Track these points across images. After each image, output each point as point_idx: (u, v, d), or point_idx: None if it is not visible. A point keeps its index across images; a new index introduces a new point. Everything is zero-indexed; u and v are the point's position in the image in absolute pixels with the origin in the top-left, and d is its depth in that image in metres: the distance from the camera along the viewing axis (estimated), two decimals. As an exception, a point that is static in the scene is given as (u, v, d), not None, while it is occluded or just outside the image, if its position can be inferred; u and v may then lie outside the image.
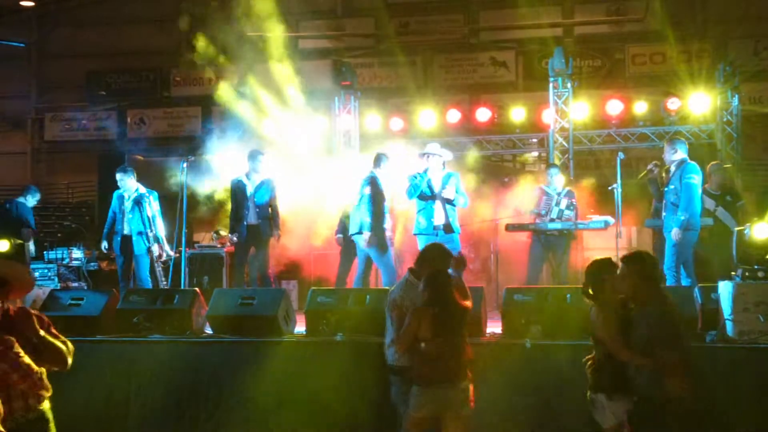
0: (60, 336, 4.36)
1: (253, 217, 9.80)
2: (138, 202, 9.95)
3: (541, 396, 6.55)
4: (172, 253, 10.23)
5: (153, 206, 10.04)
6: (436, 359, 5.21)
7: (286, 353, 7.28)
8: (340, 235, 10.49)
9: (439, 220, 9.09)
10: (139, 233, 9.89)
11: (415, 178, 9.18)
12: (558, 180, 10.57)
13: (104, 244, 10.19)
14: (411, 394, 5.32)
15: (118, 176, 10.10)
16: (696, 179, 8.61)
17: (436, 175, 9.22)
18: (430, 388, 5.24)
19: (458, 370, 5.24)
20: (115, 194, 10.13)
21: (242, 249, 9.86)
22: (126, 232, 9.96)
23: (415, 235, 9.27)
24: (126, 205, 9.98)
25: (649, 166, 9.42)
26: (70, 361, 4.34)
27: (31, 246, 11.30)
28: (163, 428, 7.19)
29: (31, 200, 11.85)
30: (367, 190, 9.21)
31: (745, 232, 7.36)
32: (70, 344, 4.38)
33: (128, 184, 10.05)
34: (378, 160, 9.58)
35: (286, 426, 7.00)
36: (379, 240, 9.20)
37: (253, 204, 9.82)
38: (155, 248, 9.94)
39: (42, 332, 4.24)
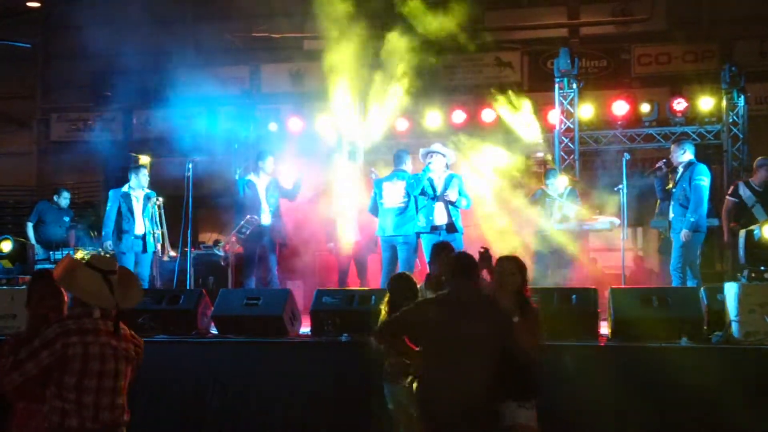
0: None
1: (266, 218, 9.82)
2: (148, 200, 9.99)
3: (546, 396, 6.53)
4: (173, 253, 10.27)
5: (157, 205, 10.10)
6: (384, 358, 5.56)
7: (291, 353, 7.29)
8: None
9: (440, 219, 9.05)
10: (151, 232, 9.91)
11: (416, 175, 9.17)
12: (559, 182, 10.57)
13: (109, 244, 9.89)
14: None
15: (142, 173, 10.07)
16: (705, 181, 8.61)
17: (438, 175, 9.18)
18: (384, 383, 5.63)
19: (399, 368, 5.38)
20: (118, 193, 9.99)
21: (252, 248, 9.86)
22: (139, 231, 9.85)
23: (416, 233, 9.23)
24: (137, 204, 9.94)
25: (659, 164, 9.38)
26: None
27: (38, 246, 11.31)
28: (169, 428, 7.19)
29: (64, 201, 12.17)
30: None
31: (755, 232, 7.33)
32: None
33: (145, 182, 10.08)
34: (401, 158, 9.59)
35: (290, 426, 7.00)
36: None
37: (265, 204, 9.84)
38: (159, 247, 9.99)
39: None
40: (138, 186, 9.99)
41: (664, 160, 9.36)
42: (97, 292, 3.92)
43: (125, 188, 10.02)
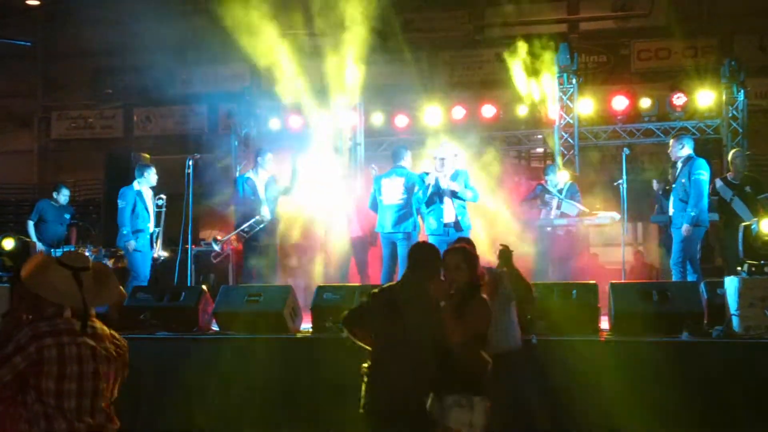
0: None
1: (265, 215, 9.85)
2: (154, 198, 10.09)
3: (548, 391, 6.56)
4: (164, 253, 10.39)
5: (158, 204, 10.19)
6: None
7: (293, 350, 7.31)
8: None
9: (448, 218, 9.08)
10: (155, 230, 10.02)
11: (425, 181, 9.18)
12: (559, 176, 10.58)
13: (133, 243, 9.71)
14: None
15: (153, 171, 10.09)
16: (705, 175, 8.62)
17: (445, 173, 9.20)
18: None
19: None
20: (132, 190, 9.89)
21: (252, 246, 9.88)
22: (152, 229, 9.93)
23: (427, 235, 9.27)
24: (149, 202, 9.98)
25: (655, 187, 9.44)
26: None
27: (39, 244, 11.34)
28: (171, 424, 7.22)
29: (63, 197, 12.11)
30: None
31: (753, 227, 7.36)
32: None
33: (154, 180, 10.11)
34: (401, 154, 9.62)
35: (293, 422, 7.03)
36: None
37: (264, 200, 9.87)
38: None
39: None
40: (147, 184, 10.02)
41: (656, 180, 9.35)
42: (65, 291, 3.65)
43: (137, 186, 9.97)
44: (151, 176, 10.04)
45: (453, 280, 4.74)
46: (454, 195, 9.02)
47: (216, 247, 10.29)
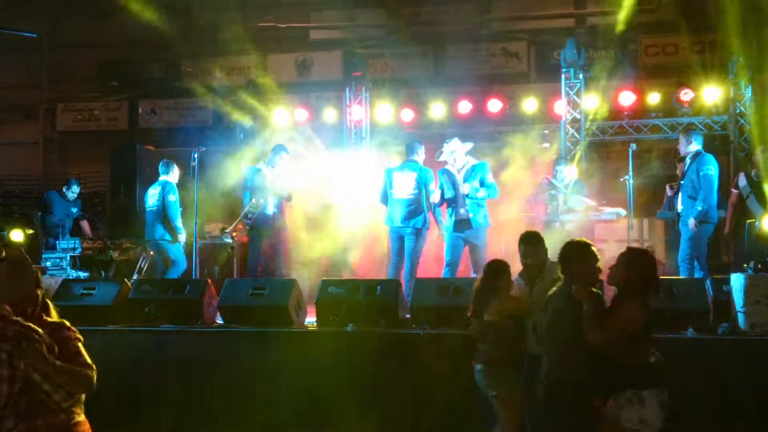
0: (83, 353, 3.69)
1: (270, 207, 9.86)
2: None
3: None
4: None
5: None
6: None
7: (297, 343, 7.30)
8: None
9: (459, 215, 9.06)
10: None
11: (444, 174, 9.17)
12: (566, 172, 10.54)
13: (185, 236, 10.05)
14: None
15: (177, 168, 10.27)
16: (713, 171, 8.59)
17: (458, 168, 9.17)
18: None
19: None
20: (173, 184, 10.15)
21: (257, 238, 9.90)
22: None
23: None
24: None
25: (669, 193, 9.42)
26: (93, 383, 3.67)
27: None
28: (174, 418, 7.22)
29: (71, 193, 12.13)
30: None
31: (756, 224, 7.34)
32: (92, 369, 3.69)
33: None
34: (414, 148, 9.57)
35: (296, 416, 7.02)
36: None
37: (271, 195, 9.87)
38: None
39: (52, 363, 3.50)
40: (173, 179, 10.14)
41: (669, 185, 9.42)
42: None
43: (174, 182, 10.14)
44: (177, 172, 10.17)
45: (611, 279, 4.97)
46: (465, 196, 9.00)
47: (228, 240, 10.31)
